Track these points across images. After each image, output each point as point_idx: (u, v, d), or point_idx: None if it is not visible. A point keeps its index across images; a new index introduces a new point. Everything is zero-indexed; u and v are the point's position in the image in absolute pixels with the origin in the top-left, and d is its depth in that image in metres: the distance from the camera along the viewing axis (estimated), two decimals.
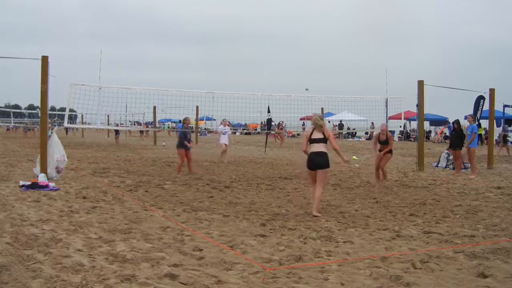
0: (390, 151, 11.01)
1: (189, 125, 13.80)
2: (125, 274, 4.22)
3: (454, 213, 7.31)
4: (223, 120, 17.07)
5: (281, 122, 36.73)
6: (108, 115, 33.07)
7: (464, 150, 13.30)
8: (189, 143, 12.46)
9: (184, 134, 12.67)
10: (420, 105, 14.28)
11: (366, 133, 39.65)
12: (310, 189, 7.52)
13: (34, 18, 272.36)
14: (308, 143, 7.26)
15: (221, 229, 6.09)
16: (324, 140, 7.14)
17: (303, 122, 48.76)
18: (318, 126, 7.16)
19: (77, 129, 44.28)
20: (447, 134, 26.09)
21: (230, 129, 17.27)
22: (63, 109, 31.71)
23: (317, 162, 7.11)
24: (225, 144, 15.74)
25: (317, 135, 7.18)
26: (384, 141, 10.95)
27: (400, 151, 22.83)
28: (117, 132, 30.56)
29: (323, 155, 7.11)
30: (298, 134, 39.29)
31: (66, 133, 31.63)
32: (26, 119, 62.41)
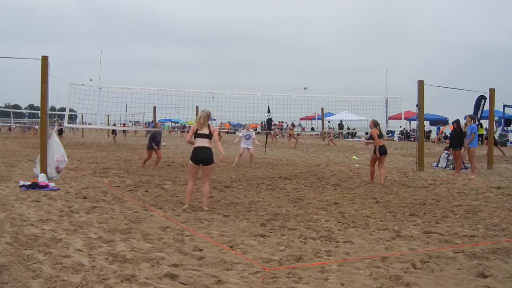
0: (376, 149, 11.14)
1: (158, 128, 15.04)
2: (125, 274, 4.21)
3: (454, 213, 7.31)
4: (245, 125, 16.65)
5: (292, 123, 36.97)
6: (108, 115, 33.08)
7: (464, 150, 13.29)
8: (157, 145, 13.58)
9: (153, 137, 13.66)
10: (420, 105, 14.28)
11: (366, 133, 39.55)
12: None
13: (33, 19, 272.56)
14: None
15: (221, 229, 6.09)
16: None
17: (299, 123, 48.80)
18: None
19: (77, 129, 44.34)
20: (447, 134, 26.09)
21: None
22: (63, 109, 31.66)
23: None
24: (247, 149, 15.00)
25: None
26: (370, 137, 11.53)
27: (400, 151, 22.84)
28: (114, 132, 30.61)
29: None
30: (298, 135, 39.28)
31: (60, 134, 26.84)
32: (26, 119, 62.42)
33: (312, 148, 25.82)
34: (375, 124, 11.30)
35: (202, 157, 7.38)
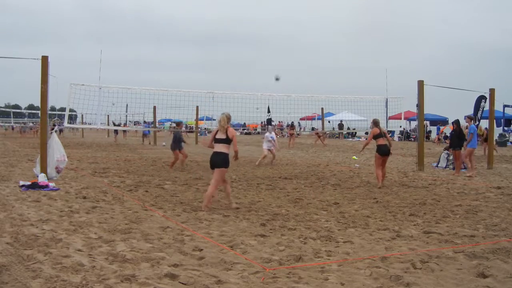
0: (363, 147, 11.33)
1: (182, 129, 15.16)
2: (125, 274, 4.21)
3: (454, 213, 7.31)
4: (268, 127, 16.69)
5: (292, 122, 37.04)
6: (108, 115, 33.09)
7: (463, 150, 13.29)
8: (180, 144, 13.54)
9: (178, 137, 13.68)
10: (420, 105, 14.28)
11: (366, 133, 39.59)
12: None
13: (33, 20, 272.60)
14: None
15: (221, 229, 6.09)
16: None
17: (299, 123, 48.87)
18: None
19: (77, 129, 44.33)
20: (447, 134, 26.10)
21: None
22: (63, 109, 31.70)
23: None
24: (269, 150, 15.18)
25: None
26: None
27: (400, 151, 22.82)
28: (116, 131, 30.62)
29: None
30: (298, 134, 39.32)
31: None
32: (26, 119, 62.45)
33: (312, 148, 25.82)
34: (375, 123, 10.82)
35: (213, 162, 7.48)
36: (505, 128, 32.47)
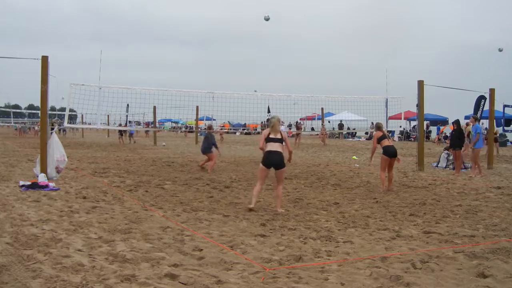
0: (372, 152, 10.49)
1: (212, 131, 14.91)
2: (125, 274, 4.21)
3: (454, 213, 7.31)
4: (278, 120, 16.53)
5: (299, 122, 36.97)
6: (108, 115, 33.08)
7: (464, 149, 13.26)
8: (210, 147, 13.22)
9: (211, 141, 13.34)
10: (420, 105, 14.29)
11: (366, 133, 39.64)
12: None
13: (33, 19, 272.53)
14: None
15: (221, 229, 6.09)
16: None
17: (299, 122, 48.82)
18: None
19: (77, 129, 44.36)
20: (447, 134, 26.10)
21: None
22: (63, 109, 31.71)
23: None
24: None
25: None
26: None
27: (400, 151, 22.80)
28: (120, 132, 30.49)
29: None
30: (297, 134, 39.27)
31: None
32: (26, 119, 62.47)
33: (312, 148, 25.82)
34: (378, 127, 10.47)
35: (274, 161, 7.38)
36: (505, 128, 32.43)
